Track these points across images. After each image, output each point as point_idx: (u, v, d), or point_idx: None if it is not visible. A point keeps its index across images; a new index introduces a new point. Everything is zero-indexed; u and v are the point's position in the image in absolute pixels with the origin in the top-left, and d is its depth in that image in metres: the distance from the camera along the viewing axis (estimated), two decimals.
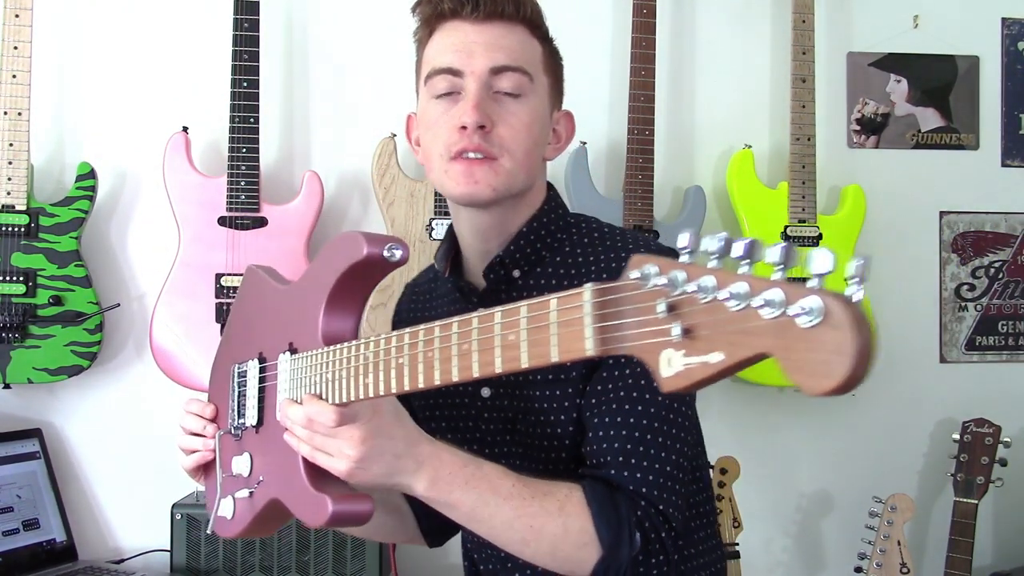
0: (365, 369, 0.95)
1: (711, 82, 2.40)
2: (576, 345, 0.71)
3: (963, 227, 2.49)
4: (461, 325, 0.84)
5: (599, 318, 0.69)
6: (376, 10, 2.30)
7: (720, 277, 0.61)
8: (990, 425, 2.16)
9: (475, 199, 1.16)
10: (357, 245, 0.98)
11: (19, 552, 2.00)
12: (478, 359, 0.82)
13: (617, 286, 0.68)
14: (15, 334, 2.04)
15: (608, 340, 0.68)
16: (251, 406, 1.16)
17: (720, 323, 0.60)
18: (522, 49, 1.18)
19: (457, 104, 1.16)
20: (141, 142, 2.22)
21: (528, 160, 1.17)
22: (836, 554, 2.42)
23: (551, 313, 0.73)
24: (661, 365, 0.63)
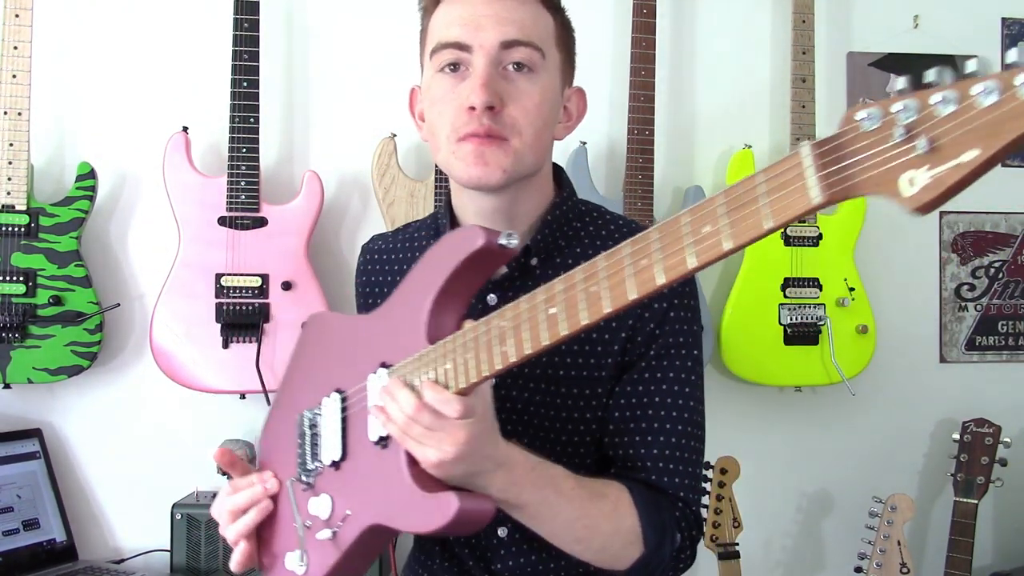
0: (502, 337, 0.90)
1: (711, 82, 2.40)
2: (797, 202, 0.69)
3: (963, 227, 2.49)
4: (633, 243, 0.80)
5: (821, 167, 0.67)
6: (376, 10, 2.30)
7: (958, 86, 0.62)
8: (990, 425, 2.16)
9: (485, 182, 1.10)
10: (474, 235, 0.96)
11: (19, 552, 2.00)
12: (662, 265, 0.77)
13: (838, 134, 0.67)
14: (15, 334, 2.04)
15: (836, 183, 0.67)
16: (331, 442, 1.09)
17: (968, 122, 0.61)
18: (534, 22, 1.12)
19: (464, 81, 1.10)
20: (141, 142, 2.22)
21: (539, 141, 1.12)
22: (836, 554, 2.42)
23: (757, 187, 0.71)
24: (901, 188, 0.63)
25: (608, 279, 0.81)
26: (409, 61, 2.38)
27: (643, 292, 0.79)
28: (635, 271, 0.79)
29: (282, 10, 2.28)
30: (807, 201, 0.68)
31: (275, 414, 1.27)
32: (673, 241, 0.77)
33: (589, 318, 0.83)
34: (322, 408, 1.12)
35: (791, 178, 0.69)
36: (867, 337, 2.28)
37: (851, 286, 2.27)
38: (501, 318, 0.91)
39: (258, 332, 2.08)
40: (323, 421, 1.11)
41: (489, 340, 0.92)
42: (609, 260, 0.82)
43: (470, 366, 0.93)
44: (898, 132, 0.63)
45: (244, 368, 2.07)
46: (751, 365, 2.25)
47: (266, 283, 2.10)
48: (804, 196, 0.68)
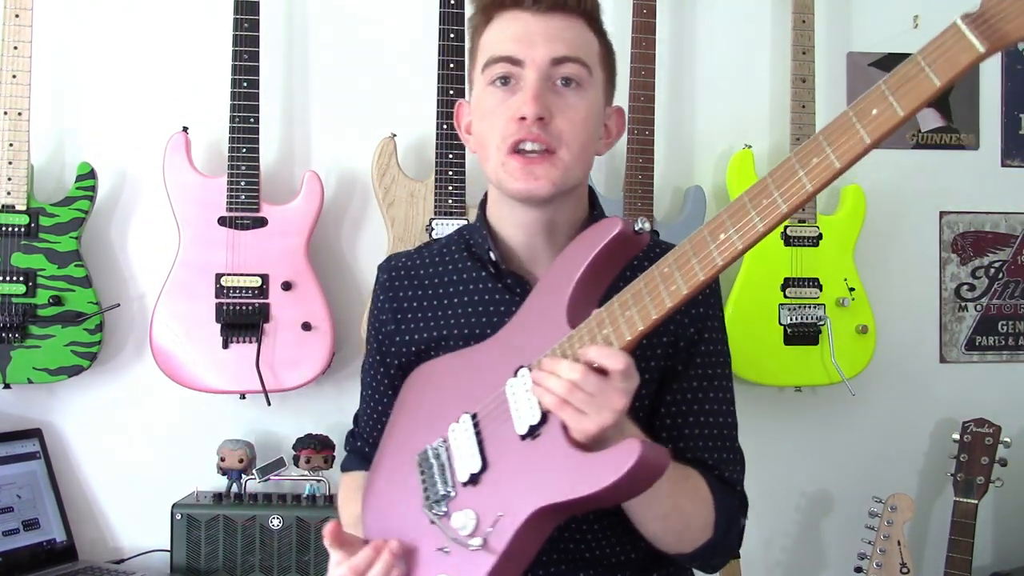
0: (667, 279, 0.97)
1: (711, 82, 2.40)
2: (962, 56, 0.82)
3: (963, 227, 2.49)
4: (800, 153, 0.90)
5: (976, 28, 0.82)
6: (376, 10, 2.30)
7: None
8: (990, 425, 2.16)
9: (534, 196, 1.16)
10: (611, 223, 1.04)
11: (19, 552, 2.00)
12: (835, 152, 0.89)
13: (984, 7, 0.82)
14: (15, 334, 2.04)
15: (992, 33, 0.81)
16: (467, 458, 1.11)
17: None
18: (582, 41, 1.19)
19: (515, 94, 1.16)
20: (141, 142, 2.22)
21: (584, 153, 1.19)
22: (836, 554, 2.42)
23: (919, 62, 0.84)
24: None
25: (776, 188, 0.91)
26: (409, 61, 2.40)
27: (820, 182, 0.90)
28: (806, 170, 0.90)
29: (282, 10, 2.28)
30: (973, 52, 0.82)
31: (380, 473, 1.27)
32: (844, 128, 0.88)
33: (765, 224, 0.91)
34: (449, 435, 1.15)
35: (953, 43, 0.83)
36: (867, 337, 2.28)
37: (851, 286, 2.27)
38: (655, 269, 0.99)
39: (258, 332, 2.08)
40: (454, 444, 1.14)
41: (641, 293, 0.99)
42: (773, 175, 0.92)
43: (633, 320, 0.99)
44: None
45: (244, 368, 2.07)
46: (751, 365, 2.25)
47: (266, 283, 2.10)
48: (969, 49, 0.82)
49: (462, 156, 2.15)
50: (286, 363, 2.09)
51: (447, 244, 1.35)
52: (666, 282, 0.98)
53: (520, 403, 1.07)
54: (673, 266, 0.97)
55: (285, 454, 2.15)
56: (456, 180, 2.14)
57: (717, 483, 1.21)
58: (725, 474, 1.24)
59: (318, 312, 2.11)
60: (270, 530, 2.03)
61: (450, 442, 1.14)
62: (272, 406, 2.12)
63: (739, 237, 0.93)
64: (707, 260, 0.95)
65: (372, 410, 1.40)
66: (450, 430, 1.15)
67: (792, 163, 0.91)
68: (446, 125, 2.13)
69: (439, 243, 1.37)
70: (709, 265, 0.95)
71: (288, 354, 2.10)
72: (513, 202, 1.21)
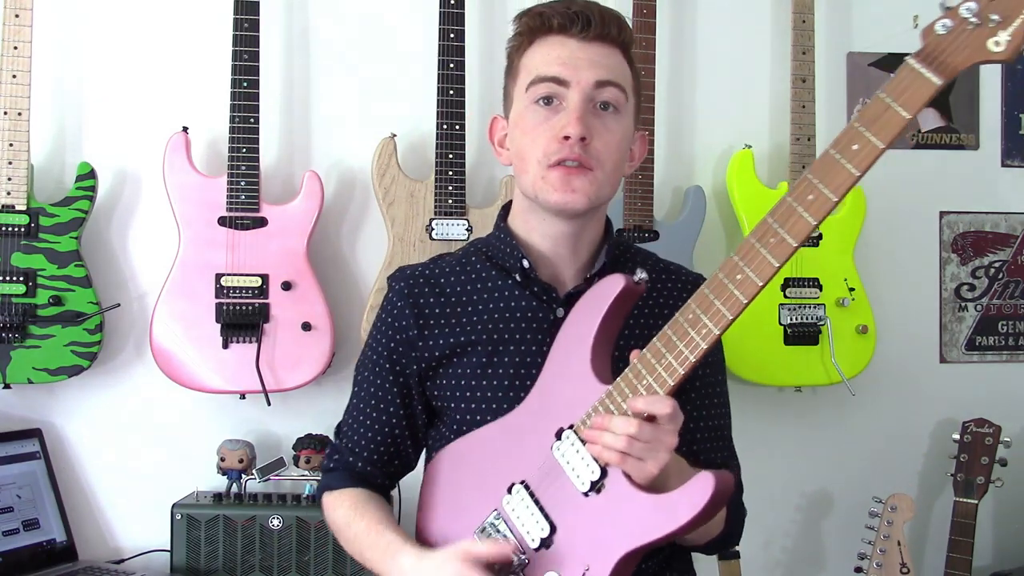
0: (695, 323, 1.06)
1: (711, 82, 2.40)
2: (922, 90, 0.95)
3: (963, 227, 2.49)
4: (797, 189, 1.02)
5: (928, 64, 0.95)
6: (376, 10, 2.30)
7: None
8: (990, 425, 2.16)
9: (571, 207, 1.23)
10: (615, 280, 1.14)
11: (19, 552, 2.00)
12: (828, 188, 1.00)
13: (927, 44, 0.95)
14: (15, 334, 2.04)
15: (943, 66, 0.94)
16: (533, 525, 1.15)
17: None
18: (620, 68, 1.27)
19: (558, 114, 1.23)
20: (141, 142, 2.21)
21: (616, 173, 1.27)
22: (836, 554, 2.42)
23: (884, 100, 0.97)
24: (991, 49, 0.92)
25: (780, 227, 1.03)
26: (409, 61, 2.40)
27: (820, 215, 1.01)
28: (804, 206, 1.02)
29: (282, 10, 2.28)
30: (931, 86, 0.95)
31: (436, 544, 1.26)
32: (830, 166, 0.99)
33: (778, 260, 1.03)
34: (503, 507, 1.18)
35: (911, 80, 0.96)
36: (867, 337, 2.28)
37: (851, 286, 2.27)
38: (680, 316, 1.08)
39: (258, 332, 2.08)
40: (512, 515, 1.17)
41: (673, 340, 1.08)
42: (773, 215, 1.04)
43: (672, 366, 1.07)
44: (971, 22, 0.93)
45: (244, 368, 2.07)
46: (751, 365, 2.25)
47: (266, 283, 2.10)
48: (927, 84, 0.95)
49: (462, 156, 2.15)
50: (286, 363, 2.09)
51: (464, 256, 1.38)
52: (695, 327, 1.06)
53: (575, 463, 1.12)
54: (698, 311, 1.06)
55: (285, 454, 2.15)
56: (456, 180, 2.14)
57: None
58: (732, 464, 1.38)
59: (318, 312, 2.11)
60: (270, 530, 2.03)
61: (506, 513, 1.18)
62: (272, 406, 2.12)
63: (756, 275, 1.03)
64: (731, 300, 1.04)
65: (369, 420, 1.37)
66: (503, 502, 1.18)
67: (789, 202, 1.02)
68: (446, 125, 2.13)
69: (453, 256, 1.40)
70: (735, 305, 1.04)
71: (288, 354, 2.10)
72: (545, 214, 1.27)
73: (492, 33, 2.31)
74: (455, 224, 2.15)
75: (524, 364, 1.27)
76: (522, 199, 1.32)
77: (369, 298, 2.16)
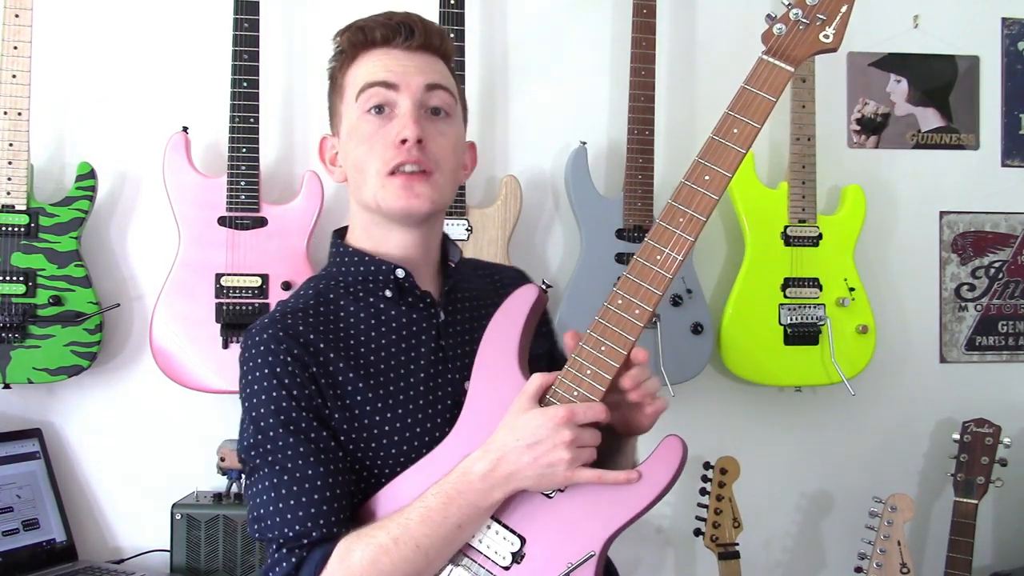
0: (627, 307, 1.15)
1: (711, 82, 2.40)
2: (780, 78, 1.16)
3: (963, 227, 2.49)
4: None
5: (779, 57, 1.17)
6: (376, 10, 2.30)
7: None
8: (990, 425, 2.16)
9: (414, 212, 1.22)
10: (530, 291, 1.22)
11: (19, 552, 2.00)
12: (720, 166, 1.20)
13: (772, 42, 1.17)
14: (15, 334, 2.04)
15: (792, 58, 1.16)
16: (501, 546, 1.15)
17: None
18: (447, 76, 1.28)
19: (392, 121, 1.22)
20: (141, 142, 2.21)
21: (453, 177, 1.27)
22: (836, 554, 2.42)
23: (751, 91, 1.18)
24: (823, 40, 1.16)
25: (687, 207, 1.17)
26: None
27: (719, 190, 1.16)
28: (704, 186, 1.17)
29: (282, 10, 2.28)
30: (787, 73, 1.16)
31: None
32: (719, 149, 1.19)
33: (692, 235, 1.15)
34: (461, 548, 1.16)
35: (768, 71, 1.17)
36: (867, 337, 2.28)
37: (851, 286, 2.27)
38: (609, 305, 1.15)
39: None
40: (475, 541, 1.16)
41: (610, 327, 1.15)
42: (676, 199, 1.17)
43: (614, 351, 1.14)
44: (802, 23, 1.15)
45: None
46: (751, 365, 2.25)
47: (266, 283, 2.10)
48: (783, 72, 1.16)
49: None
50: None
51: (316, 295, 1.25)
52: (628, 310, 1.15)
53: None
54: (627, 295, 1.16)
55: None
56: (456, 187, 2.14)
57: None
58: None
59: None
60: None
61: (470, 549, 1.15)
62: None
63: (676, 249, 1.16)
64: (657, 279, 1.17)
65: (330, 491, 1.14)
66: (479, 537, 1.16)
67: (689, 185, 1.17)
68: None
69: (298, 298, 1.26)
70: (660, 281, 1.16)
71: None
72: (391, 224, 1.25)
73: (492, 33, 2.32)
74: (455, 224, 2.15)
75: (424, 379, 1.21)
76: (362, 214, 1.27)
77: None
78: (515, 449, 1.11)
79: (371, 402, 1.19)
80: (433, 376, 1.24)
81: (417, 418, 1.21)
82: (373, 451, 1.18)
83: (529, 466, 1.10)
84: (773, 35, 1.15)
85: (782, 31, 1.15)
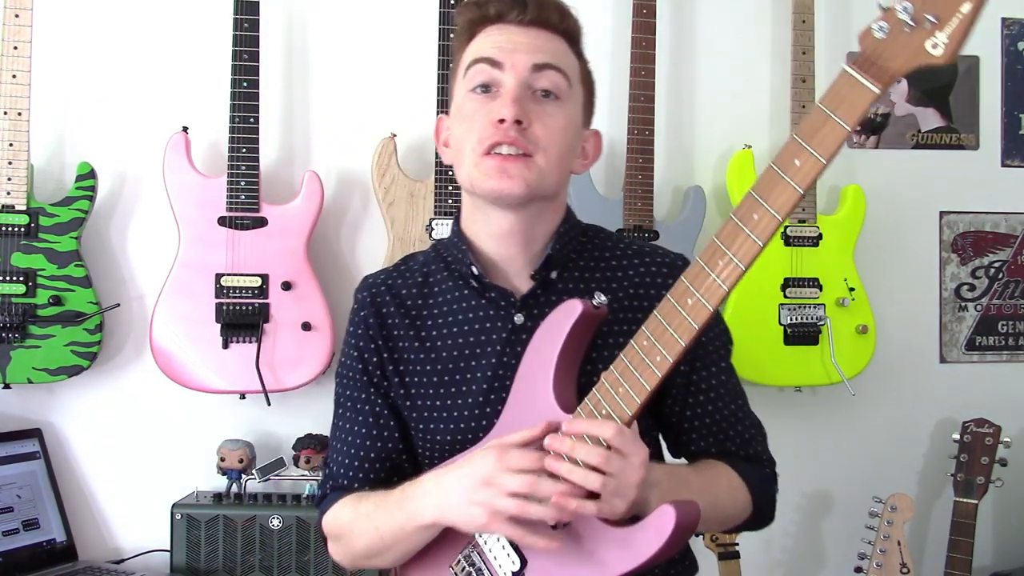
0: (659, 332, 1.02)
1: (711, 82, 2.40)
2: (861, 100, 0.90)
3: (963, 227, 2.49)
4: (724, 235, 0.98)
5: (865, 72, 0.90)
6: (376, 10, 2.30)
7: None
8: (990, 425, 2.16)
9: (507, 194, 1.15)
10: (572, 306, 1.10)
11: (19, 552, 2.00)
12: (774, 206, 0.95)
13: (864, 49, 0.90)
14: (15, 334, 2.04)
15: (882, 72, 0.89)
16: (504, 559, 1.13)
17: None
18: (564, 54, 1.20)
19: (495, 100, 1.17)
20: (141, 142, 2.21)
21: (560, 163, 1.18)
22: (836, 554, 2.42)
23: (823, 111, 0.92)
24: (928, 51, 0.86)
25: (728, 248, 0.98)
26: (409, 61, 2.40)
27: (765, 236, 0.96)
28: (750, 226, 0.97)
29: (282, 10, 2.28)
30: (870, 94, 0.90)
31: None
32: (773, 182, 0.95)
33: (728, 284, 0.99)
34: (476, 540, 1.15)
35: (848, 89, 0.91)
36: (867, 337, 2.28)
37: (851, 286, 2.27)
38: (635, 343, 1.05)
39: (258, 332, 2.08)
40: (484, 547, 1.14)
41: (631, 369, 1.04)
42: (720, 236, 0.99)
43: (630, 395, 1.04)
44: (906, 24, 0.87)
45: (244, 368, 2.07)
46: (751, 365, 2.25)
47: (266, 283, 2.10)
48: (866, 93, 0.90)
49: None
50: (286, 363, 2.09)
51: (427, 261, 1.31)
52: (650, 354, 1.03)
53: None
54: (652, 337, 1.03)
55: (285, 454, 2.15)
56: (456, 180, 2.14)
57: (744, 464, 1.25)
58: (750, 451, 1.28)
59: (318, 312, 2.11)
60: (270, 530, 2.03)
61: (480, 546, 1.15)
62: (272, 406, 2.12)
63: (707, 299, 1.00)
64: (682, 326, 1.01)
65: (359, 440, 1.27)
66: (476, 535, 1.15)
67: (735, 222, 0.98)
68: None
69: (417, 260, 1.33)
70: (686, 330, 1.01)
71: (288, 354, 2.10)
72: (488, 208, 1.20)
73: None
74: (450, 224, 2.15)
75: (488, 379, 1.21)
76: (465, 196, 1.26)
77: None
78: (457, 477, 1.08)
79: (428, 386, 1.24)
80: (490, 379, 1.21)
81: (464, 415, 1.22)
82: (423, 432, 1.24)
83: (458, 503, 1.07)
84: (871, 36, 0.90)
85: (884, 32, 0.89)
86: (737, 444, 1.27)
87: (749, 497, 1.23)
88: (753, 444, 1.30)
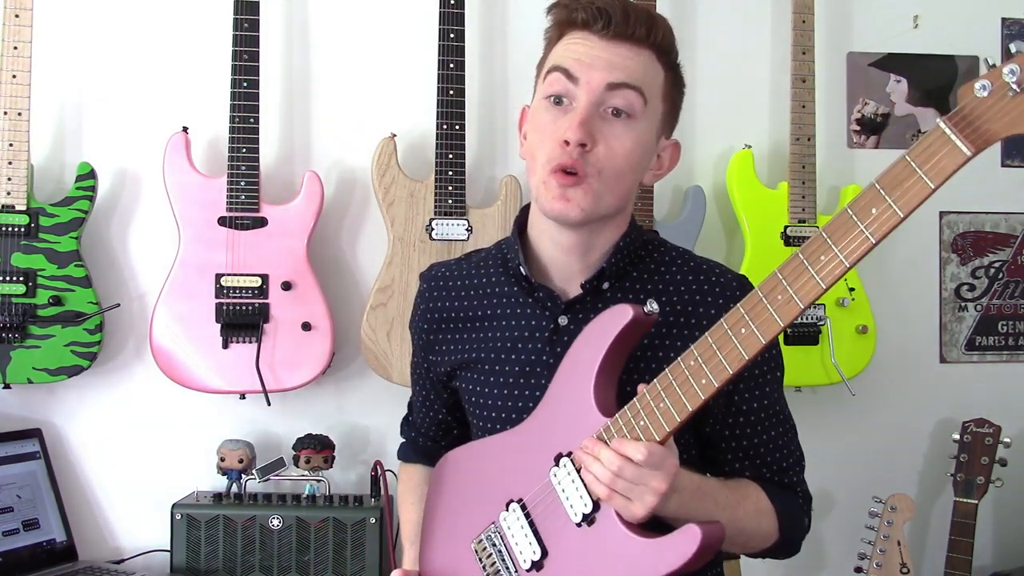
0: (709, 356, 1.02)
1: (711, 82, 2.39)
2: (951, 161, 0.87)
3: (963, 227, 2.49)
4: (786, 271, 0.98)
5: (961, 131, 0.86)
6: (376, 10, 2.30)
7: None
8: (990, 425, 2.16)
9: (564, 217, 1.18)
10: (623, 311, 1.10)
11: (19, 552, 2.00)
12: (842, 252, 0.94)
13: (963, 106, 0.87)
14: (15, 334, 2.04)
15: (977, 135, 0.86)
16: (526, 547, 1.16)
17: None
18: (643, 72, 1.19)
19: (566, 115, 1.17)
20: (141, 142, 2.21)
21: (620, 184, 1.19)
22: (836, 554, 2.42)
23: (909, 164, 0.89)
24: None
25: (789, 285, 0.99)
26: (409, 61, 2.40)
27: (830, 280, 0.96)
28: (816, 268, 0.97)
29: (282, 10, 2.28)
30: (961, 157, 0.86)
31: (435, 561, 1.31)
32: (847, 228, 0.93)
33: (784, 319, 0.99)
34: (500, 522, 1.19)
35: (939, 147, 0.87)
36: (867, 337, 2.28)
37: (851, 286, 2.27)
38: (682, 362, 1.05)
39: (258, 332, 2.08)
40: (507, 532, 1.18)
41: (674, 386, 1.05)
42: (783, 271, 0.99)
43: (670, 413, 1.05)
44: (1011, 88, 0.84)
45: (244, 368, 2.07)
46: None
47: (266, 283, 2.10)
48: (957, 155, 0.86)
49: (462, 156, 2.15)
50: (286, 363, 2.09)
51: (486, 257, 1.37)
52: (696, 376, 1.03)
53: (569, 492, 1.11)
54: (701, 359, 1.03)
55: (285, 454, 2.15)
56: (456, 180, 2.14)
57: (777, 490, 1.26)
58: (784, 480, 1.29)
59: (318, 312, 2.11)
60: (270, 530, 2.03)
61: (503, 529, 1.18)
62: (272, 406, 2.12)
63: (760, 332, 1.00)
64: (733, 353, 1.01)
65: (423, 404, 1.47)
66: (500, 518, 1.19)
67: (801, 260, 0.97)
68: (446, 125, 2.13)
69: (480, 255, 1.40)
70: (736, 359, 1.01)
71: (288, 354, 2.10)
72: (548, 219, 1.22)
73: (492, 33, 2.32)
74: (455, 224, 2.15)
75: (524, 374, 1.26)
76: (533, 201, 1.27)
77: (369, 298, 2.15)
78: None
79: (470, 370, 1.31)
80: (527, 375, 1.25)
81: (497, 404, 1.29)
82: (469, 407, 1.35)
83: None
84: (972, 94, 0.86)
85: (986, 91, 0.85)
86: (773, 471, 1.29)
87: (776, 523, 1.23)
88: (788, 474, 1.31)
